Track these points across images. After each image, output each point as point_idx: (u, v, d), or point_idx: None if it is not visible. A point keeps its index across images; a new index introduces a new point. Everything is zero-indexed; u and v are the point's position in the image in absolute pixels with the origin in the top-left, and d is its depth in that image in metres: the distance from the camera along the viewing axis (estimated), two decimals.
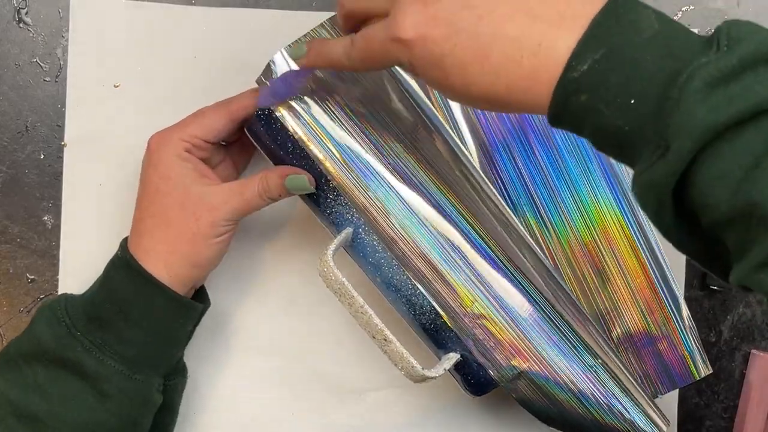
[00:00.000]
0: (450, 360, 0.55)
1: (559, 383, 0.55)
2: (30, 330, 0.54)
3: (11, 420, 0.51)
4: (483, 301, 0.54)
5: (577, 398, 0.55)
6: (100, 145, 0.61)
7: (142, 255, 0.53)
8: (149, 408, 0.54)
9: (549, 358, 0.54)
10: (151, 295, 0.53)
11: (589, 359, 0.54)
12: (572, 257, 0.58)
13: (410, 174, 0.55)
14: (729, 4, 0.63)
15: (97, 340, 0.52)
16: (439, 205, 0.55)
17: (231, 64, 0.60)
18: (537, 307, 0.55)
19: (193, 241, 0.53)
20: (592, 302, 0.58)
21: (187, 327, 0.56)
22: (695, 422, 0.63)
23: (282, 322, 0.62)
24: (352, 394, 0.62)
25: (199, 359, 0.61)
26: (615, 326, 0.58)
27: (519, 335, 0.54)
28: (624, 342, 0.58)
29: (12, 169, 0.62)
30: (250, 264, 0.62)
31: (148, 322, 0.53)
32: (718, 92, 0.34)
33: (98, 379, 0.52)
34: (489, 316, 0.54)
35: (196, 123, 0.55)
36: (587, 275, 0.58)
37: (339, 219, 0.55)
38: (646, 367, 0.58)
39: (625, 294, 0.58)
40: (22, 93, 0.62)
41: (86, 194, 0.62)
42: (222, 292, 0.61)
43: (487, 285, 0.55)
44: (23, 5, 0.62)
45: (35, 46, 0.62)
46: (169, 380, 0.56)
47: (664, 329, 0.58)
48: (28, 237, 0.62)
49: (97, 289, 0.54)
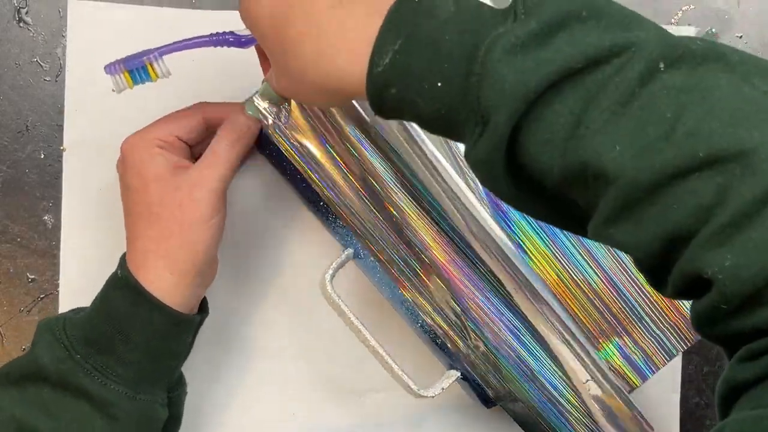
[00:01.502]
0: (450, 378, 0.55)
1: (553, 408, 0.55)
2: (31, 352, 0.52)
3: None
4: (477, 332, 0.55)
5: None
6: (99, 149, 0.61)
7: (140, 262, 0.52)
8: (157, 424, 0.54)
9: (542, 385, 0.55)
10: (150, 315, 0.51)
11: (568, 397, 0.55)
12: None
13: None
14: (729, 4, 0.63)
15: (99, 364, 0.51)
16: (444, 231, 0.55)
17: (229, 68, 0.60)
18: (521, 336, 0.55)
19: (184, 230, 0.51)
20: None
21: (187, 340, 0.55)
22: (695, 422, 0.63)
23: (281, 324, 0.62)
24: (352, 396, 0.62)
25: (199, 361, 0.61)
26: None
27: (513, 360, 0.55)
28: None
29: (12, 168, 0.62)
30: (250, 266, 0.62)
31: (148, 342, 0.52)
32: (522, 59, 0.34)
33: (104, 403, 0.51)
34: (483, 341, 0.55)
35: (168, 120, 0.54)
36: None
37: (342, 237, 0.56)
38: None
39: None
40: (23, 93, 0.62)
41: (86, 195, 0.62)
42: (222, 295, 0.61)
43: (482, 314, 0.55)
44: (23, 5, 0.62)
45: (35, 46, 0.62)
46: (173, 392, 0.55)
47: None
48: (29, 237, 0.62)
49: (97, 308, 0.53)
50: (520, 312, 0.55)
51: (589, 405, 0.55)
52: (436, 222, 0.55)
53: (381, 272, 0.55)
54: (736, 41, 0.63)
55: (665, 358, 0.57)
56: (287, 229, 0.62)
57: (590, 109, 0.34)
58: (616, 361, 0.56)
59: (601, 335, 0.56)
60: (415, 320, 0.56)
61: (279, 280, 0.62)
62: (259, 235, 0.62)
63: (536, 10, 0.35)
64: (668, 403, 0.62)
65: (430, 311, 0.55)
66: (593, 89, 0.34)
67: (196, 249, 0.52)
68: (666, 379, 0.62)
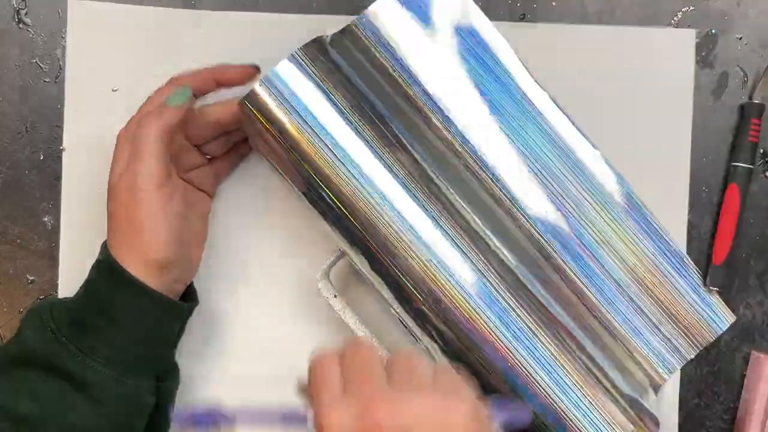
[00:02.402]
0: None
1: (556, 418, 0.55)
2: (17, 335, 0.53)
3: (3, 423, 0.51)
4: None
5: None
6: (99, 149, 0.61)
7: (119, 252, 0.53)
8: (142, 411, 0.54)
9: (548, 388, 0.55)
10: (134, 297, 0.52)
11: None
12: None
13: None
14: (729, 5, 0.63)
15: (84, 346, 0.52)
16: (442, 228, 0.55)
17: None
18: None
19: (136, 209, 0.52)
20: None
21: (174, 328, 0.55)
22: (695, 423, 0.63)
23: (277, 323, 0.62)
24: None
25: (194, 361, 0.61)
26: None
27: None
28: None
29: (12, 169, 0.62)
30: (244, 265, 0.62)
31: (133, 325, 0.52)
32: None
33: (88, 385, 0.51)
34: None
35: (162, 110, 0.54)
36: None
37: (340, 232, 0.56)
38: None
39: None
40: (22, 94, 0.62)
41: (86, 196, 0.62)
42: (216, 293, 0.61)
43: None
44: (23, 6, 0.62)
45: (35, 47, 0.62)
46: (162, 382, 0.56)
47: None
48: (28, 238, 0.62)
49: (82, 293, 0.54)
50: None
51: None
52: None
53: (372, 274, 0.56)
54: (736, 42, 0.63)
55: (680, 360, 0.59)
56: (283, 230, 0.62)
57: None
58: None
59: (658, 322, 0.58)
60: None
61: (273, 279, 0.62)
62: (253, 235, 0.62)
63: None
64: (668, 403, 0.62)
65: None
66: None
67: (163, 239, 0.53)
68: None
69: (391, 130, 0.55)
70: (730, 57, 0.63)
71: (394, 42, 0.57)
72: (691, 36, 0.63)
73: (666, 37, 0.63)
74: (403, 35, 0.57)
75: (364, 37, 0.56)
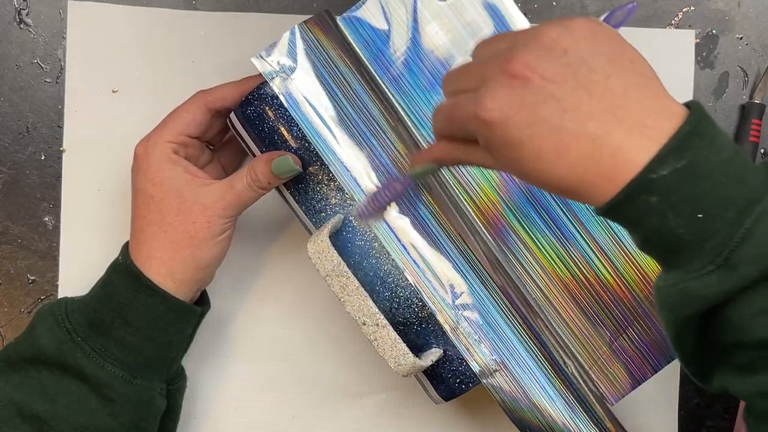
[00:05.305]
0: (434, 354, 0.55)
1: (533, 382, 0.55)
2: (31, 335, 0.54)
3: (17, 420, 0.52)
4: (468, 292, 0.55)
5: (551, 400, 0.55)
6: (99, 150, 0.62)
7: (144, 263, 0.53)
8: (153, 413, 0.55)
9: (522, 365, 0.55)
10: (151, 300, 0.53)
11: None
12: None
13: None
14: (729, 6, 0.63)
15: (98, 346, 0.52)
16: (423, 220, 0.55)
17: (229, 69, 0.60)
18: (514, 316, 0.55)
19: (193, 245, 0.53)
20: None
21: (187, 331, 0.56)
22: (696, 422, 0.63)
23: (282, 327, 0.62)
24: (352, 398, 0.62)
25: (200, 363, 0.61)
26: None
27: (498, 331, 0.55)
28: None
29: (13, 170, 0.62)
30: (251, 269, 0.62)
31: (147, 328, 0.53)
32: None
33: (100, 385, 0.52)
34: (473, 308, 0.55)
35: (176, 120, 0.55)
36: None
37: (326, 206, 0.56)
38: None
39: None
40: (23, 94, 0.62)
41: (86, 197, 0.62)
42: (223, 297, 0.61)
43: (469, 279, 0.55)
44: (24, 6, 0.62)
45: (36, 47, 0.62)
46: (172, 384, 0.56)
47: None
48: (29, 238, 0.62)
49: (98, 293, 0.54)
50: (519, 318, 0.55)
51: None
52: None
53: (369, 240, 0.55)
54: (736, 42, 0.63)
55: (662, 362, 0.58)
56: (288, 234, 0.62)
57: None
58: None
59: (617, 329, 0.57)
60: (393, 300, 0.55)
61: (279, 283, 0.62)
62: (259, 239, 0.62)
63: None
64: (668, 403, 0.62)
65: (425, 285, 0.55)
66: None
67: (201, 264, 0.54)
68: (666, 379, 0.62)
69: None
70: (730, 57, 0.63)
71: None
72: (691, 36, 0.63)
73: (666, 37, 0.63)
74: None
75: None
